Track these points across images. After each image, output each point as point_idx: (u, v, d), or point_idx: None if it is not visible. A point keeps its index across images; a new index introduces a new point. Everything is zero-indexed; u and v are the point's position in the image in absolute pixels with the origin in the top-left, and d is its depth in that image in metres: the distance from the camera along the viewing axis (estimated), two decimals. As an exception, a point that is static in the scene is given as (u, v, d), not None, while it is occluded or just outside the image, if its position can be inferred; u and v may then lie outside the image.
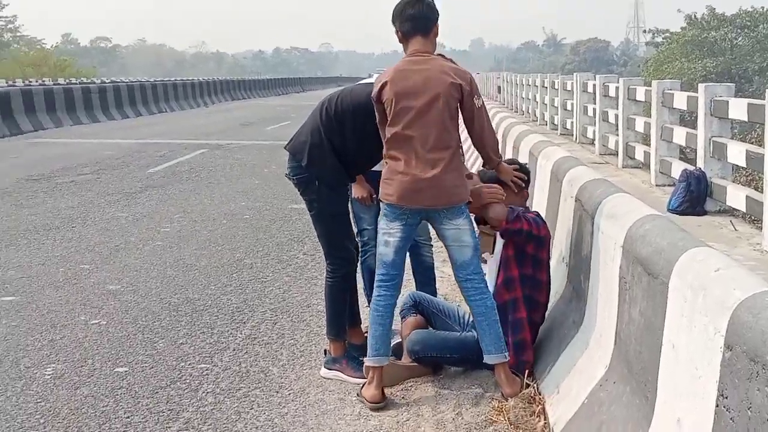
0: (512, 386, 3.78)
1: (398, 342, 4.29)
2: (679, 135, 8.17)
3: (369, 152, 4.02)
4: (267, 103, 35.80)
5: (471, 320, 4.03)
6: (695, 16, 43.55)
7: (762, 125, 6.09)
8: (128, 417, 3.71)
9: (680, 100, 8.21)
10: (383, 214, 3.83)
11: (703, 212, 7.06)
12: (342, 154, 4.05)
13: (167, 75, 69.28)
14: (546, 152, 5.70)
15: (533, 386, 3.78)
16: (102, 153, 14.65)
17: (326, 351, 4.26)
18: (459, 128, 3.79)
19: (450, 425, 3.58)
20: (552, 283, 4.13)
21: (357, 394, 3.90)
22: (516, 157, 6.87)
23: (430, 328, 4.26)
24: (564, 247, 4.38)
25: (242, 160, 13.55)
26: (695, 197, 7.02)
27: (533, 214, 4.06)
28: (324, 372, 4.18)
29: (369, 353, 3.87)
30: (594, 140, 12.32)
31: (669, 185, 8.14)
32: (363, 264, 4.61)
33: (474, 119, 3.77)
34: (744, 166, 7.05)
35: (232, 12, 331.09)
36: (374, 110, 3.82)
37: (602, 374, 3.22)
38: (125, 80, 35.52)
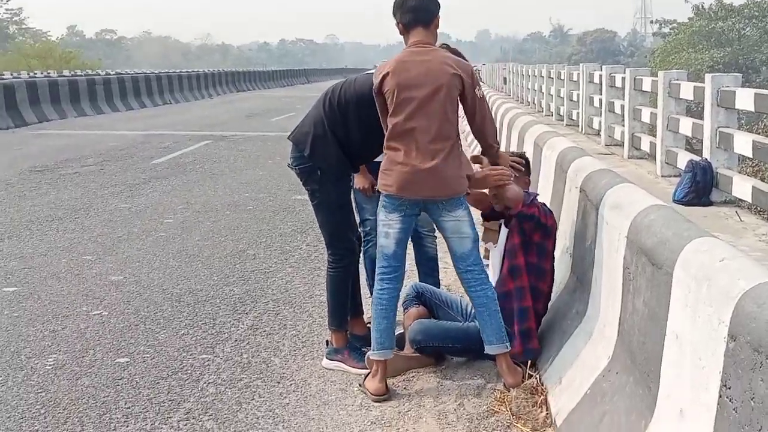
0: (514, 377, 3.76)
1: (401, 333, 4.27)
2: (686, 125, 8.13)
3: (372, 143, 3.98)
4: (272, 95, 35.74)
5: (474, 311, 4.01)
6: (703, 7, 43.35)
7: (769, 115, 6.05)
8: (129, 407, 3.70)
9: (687, 91, 8.17)
10: (382, 206, 3.80)
11: (709, 203, 7.03)
12: (345, 145, 4.02)
13: (172, 67, 69.42)
14: (551, 143, 5.67)
15: (535, 377, 3.76)
16: (106, 144, 14.65)
17: (328, 342, 4.24)
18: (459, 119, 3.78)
19: (452, 416, 3.57)
20: (556, 274, 4.11)
21: (359, 385, 3.88)
22: (521, 148, 6.83)
23: (433, 319, 4.24)
24: (568, 238, 4.35)
25: (246, 152, 13.53)
26: (701, 188, 6.99)
27: (540, 204, 4.04)
28: (326, 363, 4.17)
29: (373, 347, 3.85)
30: (600, 131, 12.28)
31: (675, 176, 8.11)
32: (365, 254, 4.59)
33: (476, 110, 3.76)
34: (750, 157, 7.01)
35: (238, 4, 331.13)
36: None
37: (605, 365, 3.19)
38: (130, 72, 35.48)
